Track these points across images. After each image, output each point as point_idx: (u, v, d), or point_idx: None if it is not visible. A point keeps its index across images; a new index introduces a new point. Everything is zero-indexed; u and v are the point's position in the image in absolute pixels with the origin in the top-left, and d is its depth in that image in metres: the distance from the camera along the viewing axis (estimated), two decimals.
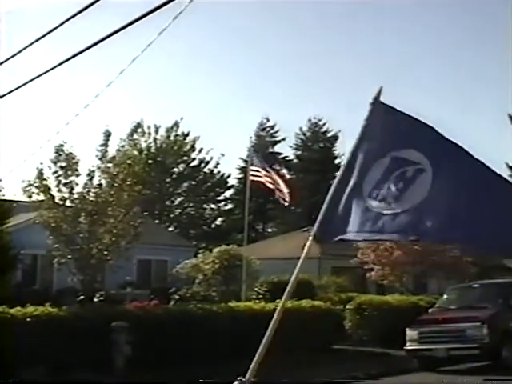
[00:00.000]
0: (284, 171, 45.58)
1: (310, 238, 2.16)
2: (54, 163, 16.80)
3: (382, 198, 2.19)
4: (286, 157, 50.36)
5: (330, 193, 2.22)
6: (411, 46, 56.16)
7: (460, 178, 2.08)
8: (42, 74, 10.76)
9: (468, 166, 2.12)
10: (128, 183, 17.10)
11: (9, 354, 11.19)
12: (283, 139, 50.48)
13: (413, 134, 2.22)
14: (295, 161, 48.78)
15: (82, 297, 16.60)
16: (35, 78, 10.83)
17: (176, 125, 44.07)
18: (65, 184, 16.75)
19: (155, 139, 43.73)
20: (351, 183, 2.22)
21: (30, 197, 16.88)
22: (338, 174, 2.25)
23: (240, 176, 45.89)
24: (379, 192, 2.20)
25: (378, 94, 2.30)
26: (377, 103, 2.29)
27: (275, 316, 2.08)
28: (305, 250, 2.17)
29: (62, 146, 16.81)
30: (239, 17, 41.38)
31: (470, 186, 2.06)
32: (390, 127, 2.25)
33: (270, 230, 48.41)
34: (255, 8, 38.65)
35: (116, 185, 17.02)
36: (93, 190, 17.04)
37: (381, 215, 2.16)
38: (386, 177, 2.21)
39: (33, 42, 10.48)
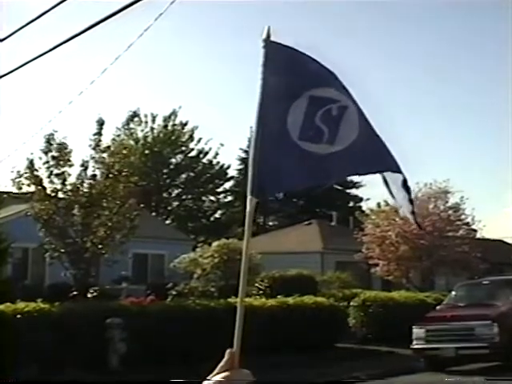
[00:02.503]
0: None
1: (249, 195, 1.94)
2: (46, 153, 16.59)
3: (316, 140, 2.04)
4: None
5: (253, 147, 2.00)
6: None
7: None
8: (34, 58, 10.28)
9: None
10: (124, 174, 16.91)
11: None
12: None
13: (322, 72, 2.12)
14: None
15: (75, 292, 16.43)
16: (26, 63, 10.35)
17: (174, 114, 43.57)
18: (57, 175, 16.53)
19: (152, 128, 43.28)
20: (274, 131, 2.02)
21: (19, 188, 16.68)
22: (254, 128, 2.02)
23: (240, 167, 45.54)
24: (310, 133, 2.05)
25: (268, 35, 2.09)
26: (269, 44, 2.09)
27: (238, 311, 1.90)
28: (247, 210, 1.92)
29: (53, 135, 16.57)
30: (242, 4, 40.96)
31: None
32: (294, 66, 2.10)
33: (271, 223, 48.06)
34: None
35: (111, 176, 16.82)
36: (87, 181, 16.83)
37: (323, 157, 2.03)
38: (310, 118, 2.06)
39: (23, 26, 9.99)
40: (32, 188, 16.45)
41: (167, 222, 41.64)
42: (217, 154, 44.08)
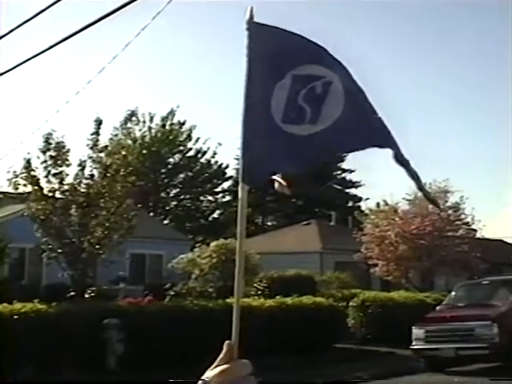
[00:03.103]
0: None
1: (240, 182, 1.97)
2: (43, 153, 16.51)
3: (300, 121, 1.99)
4: None
5: (242, 134, 2.00)
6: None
7: (354, 87, 2.06)
8: (31, 58, 10.22)
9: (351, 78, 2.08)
10: (121, 174, 16.81)
11: None
12: None
13: (306, 48, 2.06)
14: None
15: (72, 293, 16.36)
16: (23, 62, 10.29)
17: (172, 113, 43.50)
18: (54, 174, 16.45)
19: (150, 128, 43.22)
20: (260, 115, 2.00)
21: (16, 188, 16.62)
22: (242, 115, 1.99)
23: (238, 166, 45.31)
24: (292, 115, 1.99)
25: (251, 15, 2.03)
26: (252, 25, 2.04)
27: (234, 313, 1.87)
28: (239, 196, 1.93)
29: (51, 134, 16.51)
30: (240, 2, 40.81)
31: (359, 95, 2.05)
32: (278, 46, 2.05)
33: (269, 223, 48.01)
34: None
35: (109, 175, 16.73)
36: (84, 181, 16.76)
37: (306, 138, 1.98)
38: (294, 98, 2.00)
39: (20, 25, 9.92)
40: (29, 188, 16.39)
41: (165, 222, 41.61)
42: (215, 153, 44.07)
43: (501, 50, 50.25)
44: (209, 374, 1.61)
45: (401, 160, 1.98)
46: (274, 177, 2.18)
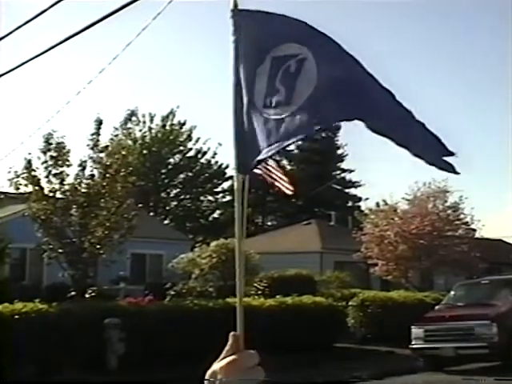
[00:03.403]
0: (284, 162, 45.13)
1: (235, 171, 1.96)
2: (44, 153, 16.54)
3: (276, 104, 1.97)
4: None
5: (233, 125, 1.99)
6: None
7: (340, 65, 2.02)
8: (31, 58, 10.25)
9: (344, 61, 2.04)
10: (122, 174, 16.85)
11: None
12: None
13: (286, 28, 2.04)
14: (296, 151, 48.17)
15: (73, 292, 16.40)
16: (24, 63, 10.32)
17: (172, 113, 43.50)
18: (55, 175, 16.49)
19: (150, 128, 43.23)
20: (245, 104, 2.00)
21: (17, 189, 16.66)
22: (232, 102, 2.00)
23: None
24: (271, 99, 1.98)
25: (235, 4, 2.02)
26: (237, 13, 2.03)
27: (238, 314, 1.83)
28: (235, 187, 1.92)
29: (52, 134, 16.53)
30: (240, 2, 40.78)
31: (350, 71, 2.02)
32: (260, 29, 2.04)
33: (269, 223, 48.02)
34: None
35: (109, 176, 16.76)
36: (85, 181, 16.80)
37: (281, 120, 1.96)
38: (272, 81, 1.99)
39: (21, 26, 9.96)
40: (29, 188, 16.43)
41: (165, 221, 41.58)
42: (215, 153, 44.06)
43: (502, 47, 50.31)
44: (216, 365, 1.59)
45: (379, 130, 1.89)
46: (278, 177, 2.19)
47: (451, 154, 1.95)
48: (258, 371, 1.60)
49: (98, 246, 16.49)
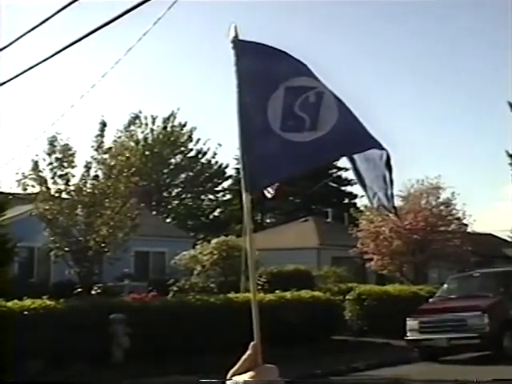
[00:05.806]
0: None
1: (244, 192, 2.05)
2: (49, 155, 16.65)
3: (298, 129, 2.08)
4: None
5: (240, 146, 2.10)
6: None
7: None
8: (36, 64, 10.62)
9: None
10: (125, 174, 16.97)
11: (6, 348, 11.16)
12: None
13: (291, 63, 2.17)
14: None
15: (79, 289, 16.49)
16: (28, 69, 10.69)
17: (173, 115, 43.75)
18: (60, 176, 16.60)
19: (152, 130, 43.44)
20: (257, 126, 2.09)
21: (25, 189, 16.75)
22: (238, 128, 2.09)
23: (238, 166, 45.29)
24: (290, 123, 2.09)
25: (236, 34, 2.14)
26: (238, 43, 2.15)
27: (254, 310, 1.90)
28: (244, 206, 2.02)
29: (55, 137, 16.61)
30: (239, 7, 40.99)
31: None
32: (265, 61, 2.16)
33: (268, 220, 48.24)
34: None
35: (113, 176, 16.88)
36: (89, 182, 16.89)
37: (307, 144, 2.08)
38: (289, 108, 2.10)
39: (26, 32, 10.34)
40: (36, 189, 16.51)
41: (167, 220, 41.66)
42: (215, 153, 44.24)
43: (492, 45, 50.53)
44: (236, 378, 1.53)
45: (390, 164, 2.20)
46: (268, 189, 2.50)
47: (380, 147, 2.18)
48: None
49: (103, 245, 16.59)
